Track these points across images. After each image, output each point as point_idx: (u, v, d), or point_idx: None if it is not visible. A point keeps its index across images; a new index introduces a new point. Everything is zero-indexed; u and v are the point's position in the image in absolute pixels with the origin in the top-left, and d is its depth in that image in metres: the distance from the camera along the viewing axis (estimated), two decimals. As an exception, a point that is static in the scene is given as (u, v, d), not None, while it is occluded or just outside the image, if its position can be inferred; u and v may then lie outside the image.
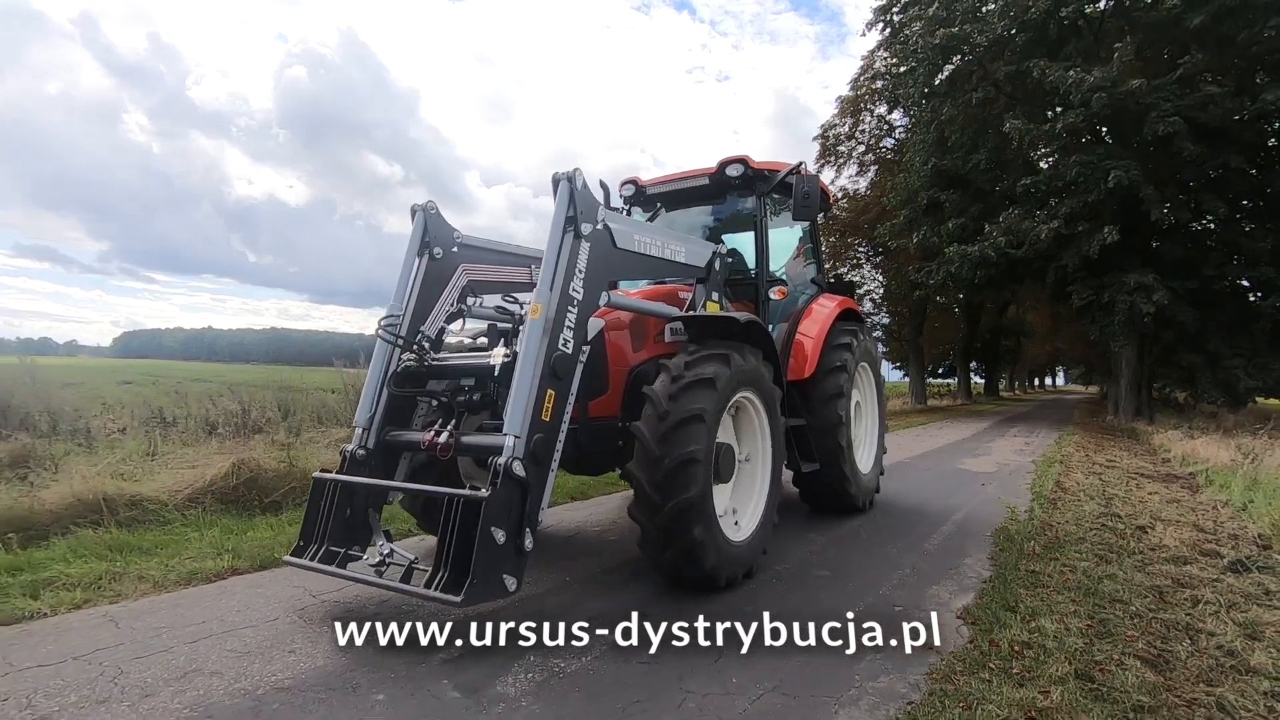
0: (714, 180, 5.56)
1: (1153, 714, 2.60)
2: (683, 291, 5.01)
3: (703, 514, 3.56)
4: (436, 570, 2.90)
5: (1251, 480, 7.96)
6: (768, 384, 4.34)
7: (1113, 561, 4.75)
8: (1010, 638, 3.25)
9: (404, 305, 4.00)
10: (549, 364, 3.28)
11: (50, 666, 2.80)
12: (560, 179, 3.48)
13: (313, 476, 3.63)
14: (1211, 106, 15.35)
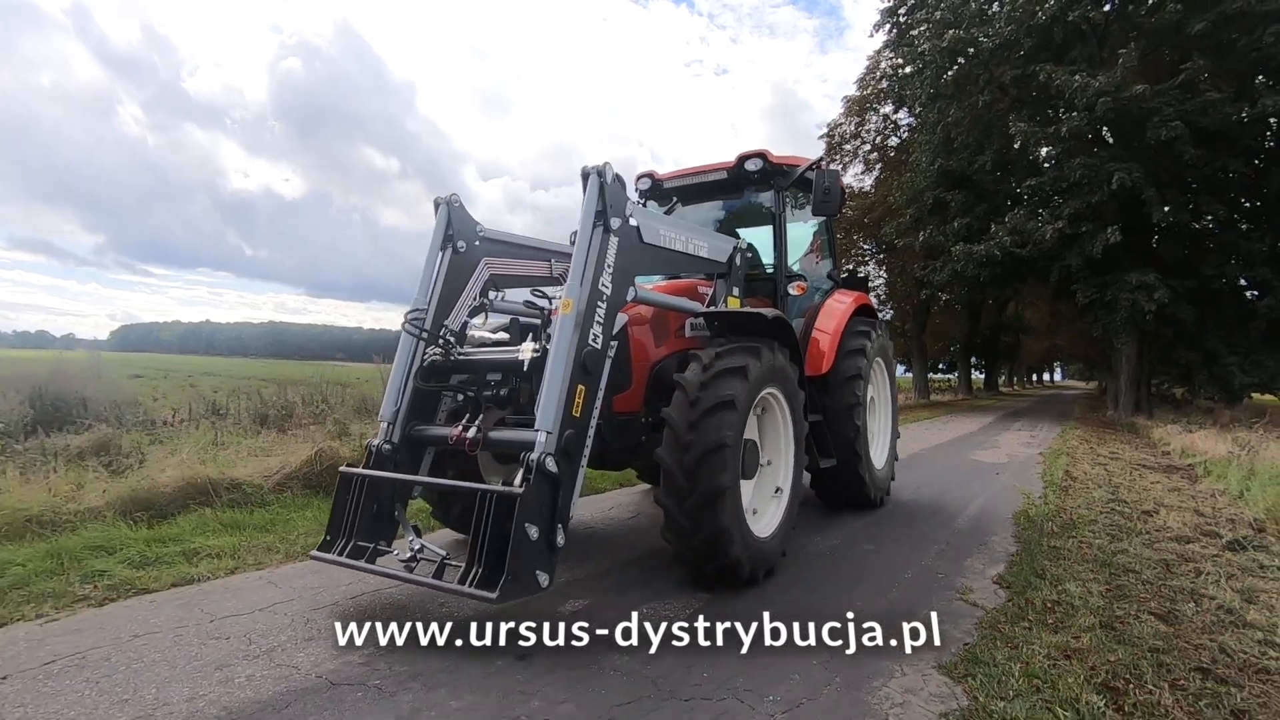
0: (732, 175, 5.52)
1: (1167, 654, 3.14)
2: (701, 286, 4.99)
3: (730, 501, 3.54)
4: (470, 566, 2.90)
5: (1248, 471, 8.51)
6: (793, 382, 4.35)
7: (1123, 539, 5.31)
8: (1042, 597, 3.81)
9: (428, 299, 3.96)
10: (579, 359, 3.27)
11: (245, 615, 3.33)
12: (590, 173, 3.48)
13: (339, 471, 3.63)
14: (1211, 111, 15.89)
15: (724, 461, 3.49)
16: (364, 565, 3.29)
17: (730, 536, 3.54)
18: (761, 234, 5.80)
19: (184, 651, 2.94)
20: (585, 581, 4.02)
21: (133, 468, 6.55)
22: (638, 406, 4.35)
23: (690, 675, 2.77)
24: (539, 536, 2.92)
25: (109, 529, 4.72)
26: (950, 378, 46.58)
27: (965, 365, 39.38)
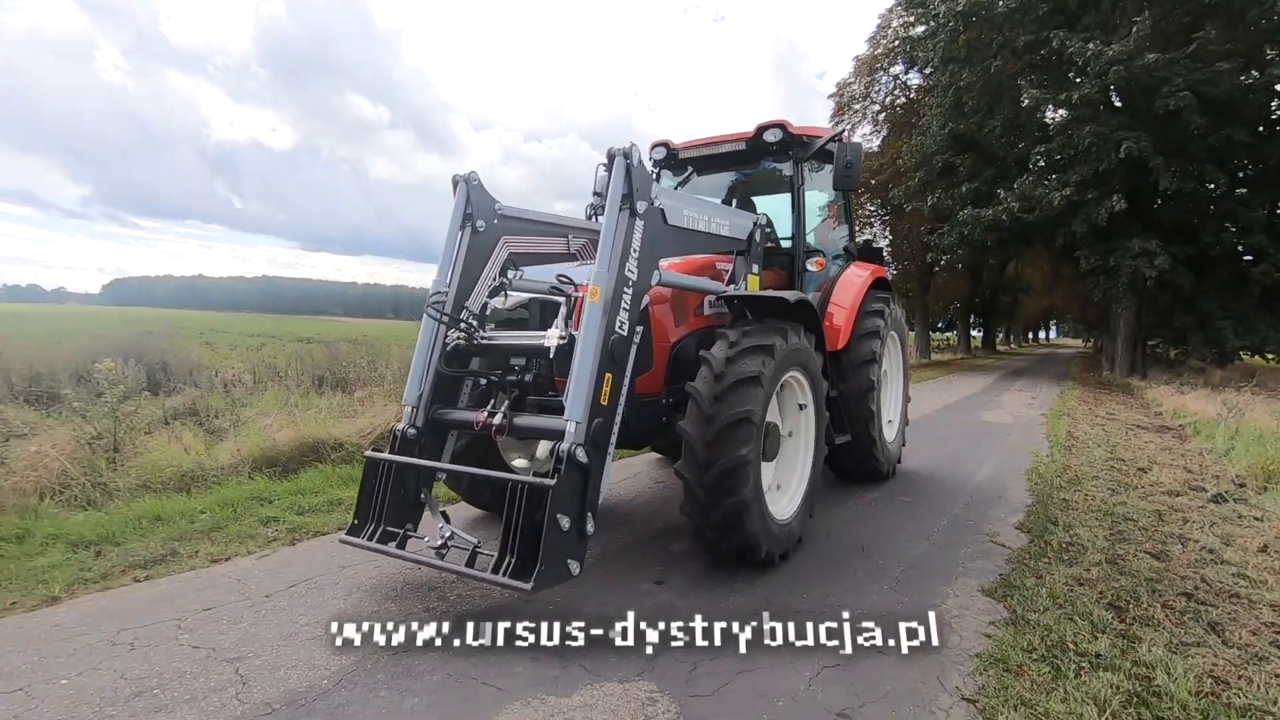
0: (750, 145, 5.42)
1: (1159, 583, 3.93)
2: (720, 262, 4.93)
3: (751, 475, 3.55)
4: (503, 556, 2.93)
5: (1233, 432, 9.33)
6: (815, 365, 4.35)
7: (1121, 493, 6.11)
8: (1057, 539, 4.60)
9: (449, 281, 3.90)
10: (607, 348, 3.25)
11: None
12: (616, 155, 3.41)
13: (365, 456, 3.65)
14: (1220, 81, 16.26)
15: (747, 434, 3.49)
16: (395, 551, 3.32)
17: (749, 511, 3.54)
18: (776, 201, 5.73)
19: (392, 574, 3.71)
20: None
21: (228, 429, 7.25)
22: (658, 387, 4.35)
23: (802, 586, 3.55)
24: (570, 526, 2.95)
25: (252, 483, 5.47)
26: (949, 336, 47.48)
27: (965, 325, 40.15)
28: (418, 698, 2.52)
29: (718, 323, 4.62)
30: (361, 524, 3.51)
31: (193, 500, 4.94)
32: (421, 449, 3.70)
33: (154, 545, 4.08)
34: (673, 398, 4.34)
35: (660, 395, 4.35)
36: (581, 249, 4.68)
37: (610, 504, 5.27)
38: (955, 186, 22.38)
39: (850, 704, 2.53)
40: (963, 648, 3.02)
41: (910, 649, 2.83)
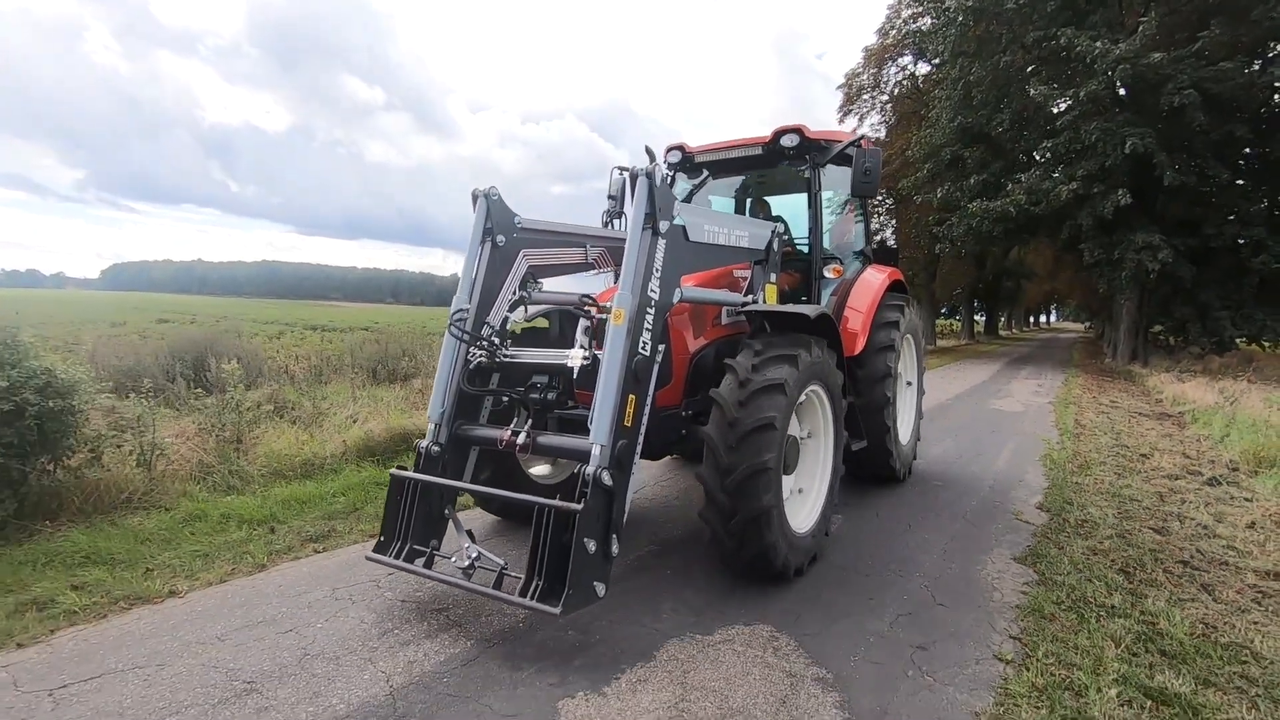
0: (767, 150, 5.40)
1: (1160, 553, 4.68)
2: (737, 269, 4.89)
3: (775, 520, 3.58)
4: (530, 579, 2.96)
5: (1229, 419, 10.07)
6: (835, 380, 4.36)
7: (1126, 477, 6.86)
8: (1073, 517, 5.35)
9: (470, 297, 3.87)
10: (631, 369, 3.27)
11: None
12: (639, 174, 3.42)
13: (390, 474, 3.65)
14: (1224, 79, 16.82)
15: (766, 484, 3.50)
16: (422, 570, 3.36)
17: (769, 518, 3.55)
18: (793, 201, 5.75)
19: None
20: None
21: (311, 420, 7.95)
22: (678, 399, 4.37)
23: (868, 554, 4.30)
24: (596, 548, 2.99)
25: (363, 470, 6.21)
26: (953, 320, 48.16)
27: (969, 311, 40.81)
28: (598, 635, 3.27)
29: (736, 332, 4.67)
30: (388, 541, 3.53)
31: (321, 485, 5.68)
32: (445, 465, 3.74)
33: (313, 523, 4.82)
34: (692, 409, 4.38)
35: (680, 407, 4.36)
36: (599, 257, 4.68)
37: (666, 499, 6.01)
38: (964, 178, 22.97)
39: (925, 640, 3.29)
40: (1004, 601, 3.77)
41: (968, 600, 3.56)
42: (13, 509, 4.44)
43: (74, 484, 4.83)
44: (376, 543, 3.58)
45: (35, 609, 3.43)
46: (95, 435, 5.07)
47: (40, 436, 4.57)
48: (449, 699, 2.71)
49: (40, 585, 3.66)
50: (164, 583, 3.77)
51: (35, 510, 4.59)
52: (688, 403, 4.40)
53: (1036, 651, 3.18)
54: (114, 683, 2.78)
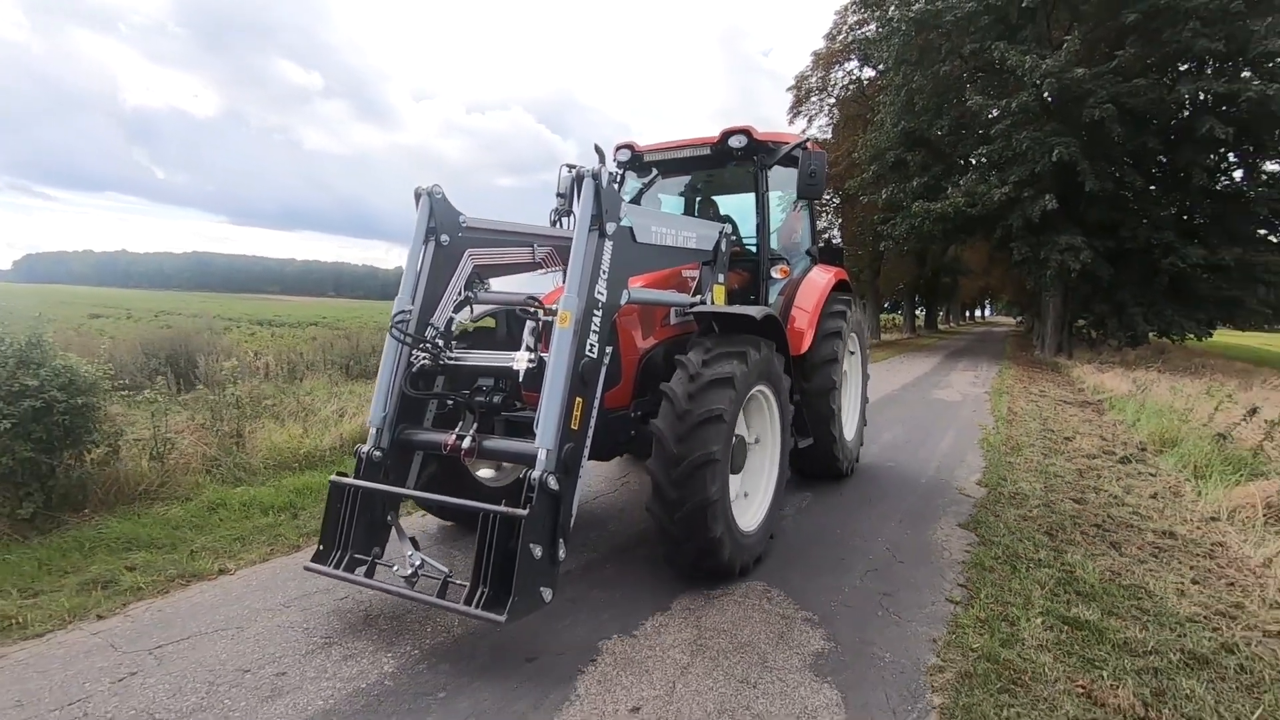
0: (715, 150, 5.46)
1: (1079, 519, 5.47)
2: (686, 270, 4.89)
3: (721, 512, 3.63)
4: (475, 586, 2.92)
5: (1140, 406, 11.24)
6: (781, 379, 4.43)
7: (1052, 456, 7.76)
8: (1007, 490, 6.15)
9: (413, 298, 3.78)
10: (577, 372, 3.25)
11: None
12: (585, 176, 3.39)
13: (330, 480, 3.54)
14: (1138, 95, 18.36)
15: (713, 475, 3.54)
16: (364, 580, 3.28)
17: (721, 543, 3.65)
18: (741, 200, 5.83)
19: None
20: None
21: (293, 416, 8.18)
22: (627, 400, 4.37)
23: (836, 523, 4.95)
24: (542, 554, 2.96)
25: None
26: (895, 315, 50.24)
27: (910, 306, 42.69)
28: (620, 591, 3.80)
29: (685, 332, 4.72)
30: (327, 550, 3.43)
31: (326, 475, 5.98)
32: (387, 471, 3.65)
33: (332, 509, 5.18)
34: (641, 410, 4.38)
35: (629, 408, 4.36)
36: (546, 257, 4.61)
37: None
38: (907, 180, 24.23)
39: (890, 589, 3.95)
40: (952, 559, 4.47)
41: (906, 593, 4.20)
42: (41, 501, 4.67)
43: (96, 477, 5.06)
44: (315, 552, 3.46)
45: (99, 587, 3.74)
46: (113, 430, 5.30)
47: (65, 432, 4.81)
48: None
49: (95, 567, 3.97)
50: (211, 563, 4.12)
51: (62, 502, 4.82)
52: (637, 403, 4.40)
53: (979, 594, 3.87)
54: (204, 642, 3.16)
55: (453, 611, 3.06)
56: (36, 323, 5.08)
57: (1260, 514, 5.44)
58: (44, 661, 3.00)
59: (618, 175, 6.00)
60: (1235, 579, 4.36)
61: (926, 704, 2.81)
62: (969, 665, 3.08)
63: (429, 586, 3.16)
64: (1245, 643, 3.43)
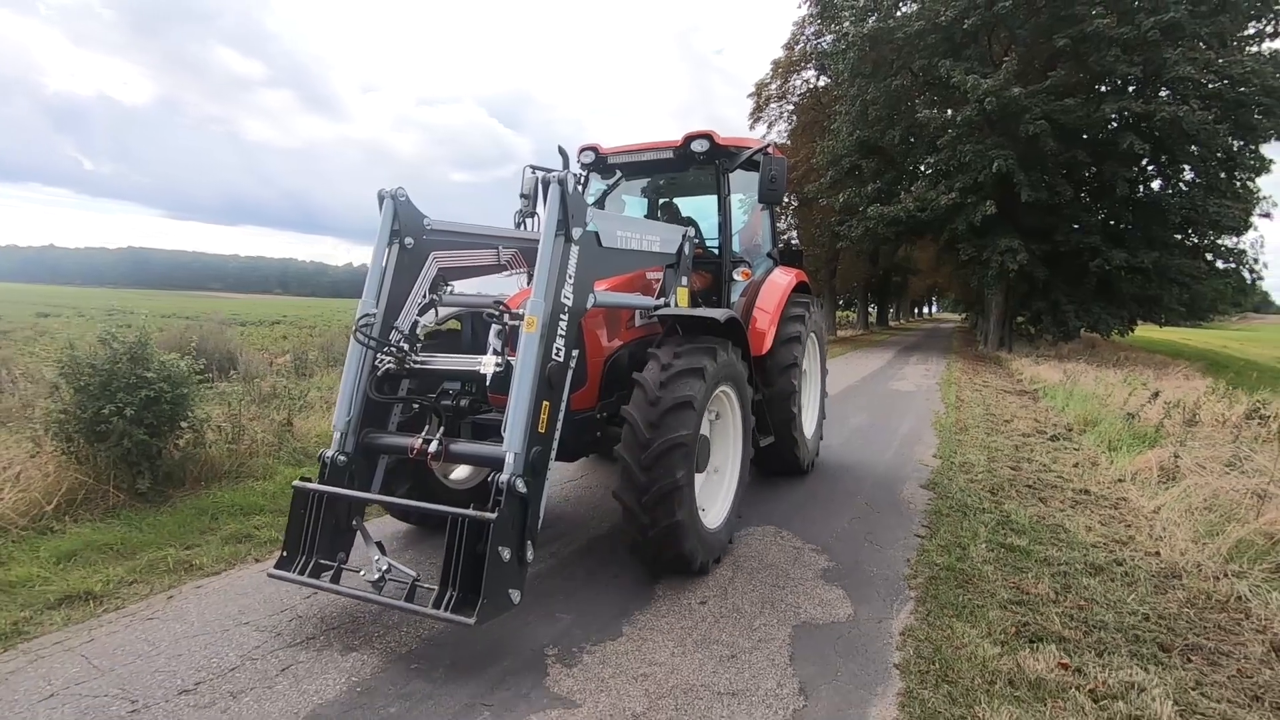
0: (678, 154, 5.52)
1: (1014, 481, 6.72)
2: (650, 272, 4.94)
3: (686, 497, 3.70)
4: (444, 590, 2.94)
5: (1069, 393, 12.79)
6: (743, 380, 4.54)
7: (994, 435, 9.09)
8: (957, 461, 7.39)
9: (377, 302, 3.78)
10: (544, 375, 3.27)
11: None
12: (551, 182, 3.40)
13: (293, 486, 3.51)
14: (1068, 113, 20.20)
15: (681, 459, 3.64)
16: (329, 585, 3.28)
17: (684, 529, 3.72)
18: (703, 203, 5.99)
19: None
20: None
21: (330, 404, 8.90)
22: (593, 402, 4.41)
23: (826, 484, 6.04)
24: (511, 556, 2.99)
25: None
26: (850, 312, 52.44)
27: (864, 303, 44.70)
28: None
29: (649, 334, 4.79)
30: (291, 556, 3.41)
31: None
32: (352, 475, 3.64)
33: (399, 483, 6.03)
34: (607, 411, 4.44)
35: (594, 410, 4.41)
36: (511, 259, 4.58)
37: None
38: (862, 185, 25.80)
39: (871, 530, 5.08)
40: (917, 509, 5.64)
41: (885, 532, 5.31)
42: (151, 479, 5.42)
43: (190, 457, 5.81)
44: (279, 558, 3.44)
45: (239, 540, 4.57)
46: (201, 417, 6.05)
47: (167, 419, 5.56)
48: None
49: (228, 527, 4.78)
50: (321, 523, 4.96)
51: (166, 480, 5.57)
52: (602, 405, 4.45)
53: (939, 531, 5.03)
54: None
55: (421, 615, 3.08)
56: (146, 323, 5.79)
57: (1155, 475, 6.76)
58: (238, 587, 3.85)
59: (582, 176, 6.07)
60: (1130, 521, 5.62)
61: (905, 596, 3.93)
62: (934, 573, 4.22)
63: (396, 591, 3.17)
64: (1130, 559, 4.65)
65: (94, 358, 5.36)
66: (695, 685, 2.95)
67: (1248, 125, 20.70)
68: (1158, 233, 22.48)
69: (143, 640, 3.23)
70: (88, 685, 2.85)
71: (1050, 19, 20.60)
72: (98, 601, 3.66)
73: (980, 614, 3.67)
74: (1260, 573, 4.22)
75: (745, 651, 3.26)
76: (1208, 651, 3.41)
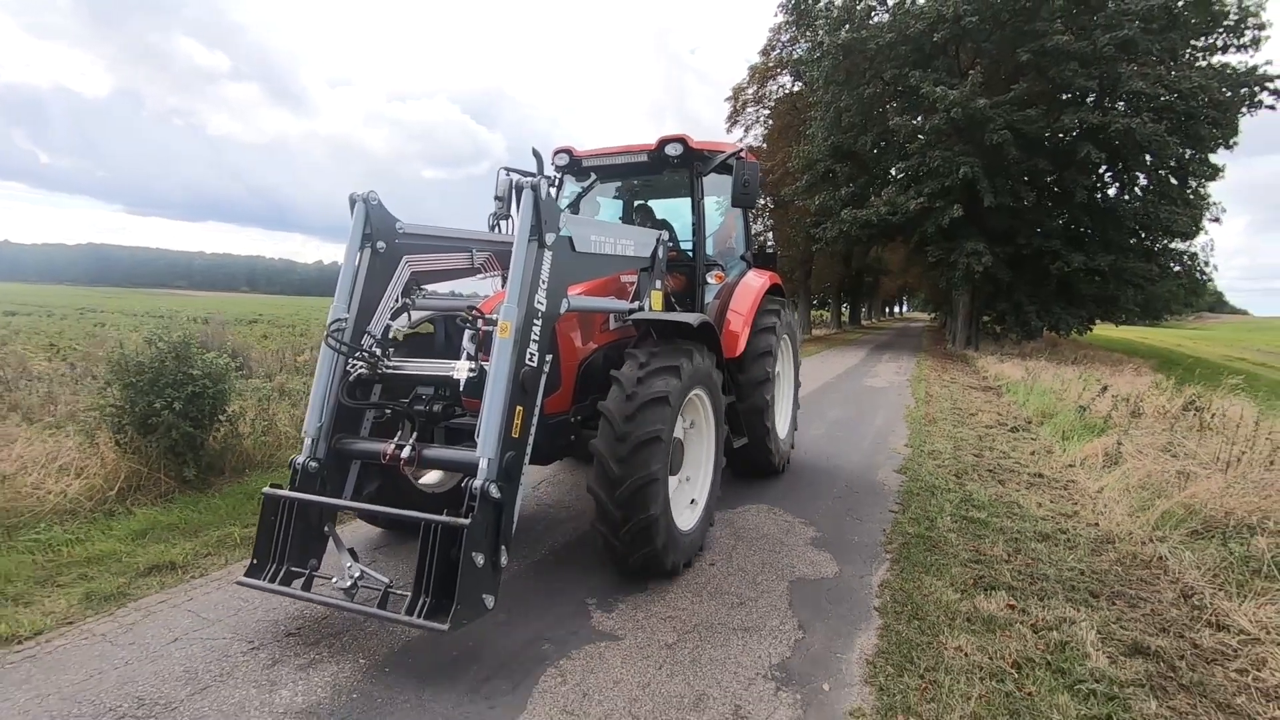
0: (652, 158, 5.54)
1: (977, 466, 7.46)
2: (624, 276, 4.98)
3: (660, 492, 3.74)
4: (417, 596, 2.95)
5: (1029, 389, 13.69)
6: (716, 384, 4.59)
7: (960, 426, 9.88)
8: (927, 449, 8.14)
9: (349, 306, 3.77)
10: (517, 381, 3.28)
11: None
12: (524, 187, 3.42)
13: (263, 493, 3.50)
14: (1029, 123, 21.28)
15: (656, 454, 3.67)
16: (300, 593, 3.26)
17: (657, 525, 3.75)
18: (678, 205, 6.02)
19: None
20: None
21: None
22: (567, 406, 4.42)
23: (810, 467, 6.71)
24: (485, 561, 2.99)
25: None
26: (823, 311, 53.65)
27: (837, 303, 45.81)
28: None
29: (624, 337, 4.81)
30: (261, 564, 3.38)
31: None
32: (324, 481, 3.63)
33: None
34: (581, 415, 4.46)
35: (569, 413, 4.42)
36: (485, 262, 4.57)
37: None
38: (836, 189, 26.69)
39: (852, 507, 5.77)
40: (891, 489, 6.35)
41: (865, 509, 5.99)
42: (195, 468, 5.89)
43: (229, 448, 6.28)
44: (249, 566, 3.42)
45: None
46: (237, 411, 6.51)
47: (209, 413, 6.03)
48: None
49: (277, 509, 5.28)
50: (361, 505, 5.49)
51: (208, 469, 6.03)
52: (577, 408, 4.47)
53: (910, 507, 5.74)
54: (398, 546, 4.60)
55: (394, 622, 3.07)
56: (189, 326, 6.24)
57: (1100, 460, 7.56)
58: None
59: (556, 179, 6.10)
60: (1077, 499, 6.38)
61: (882, 557, 4.62)
62: (906, 540, 4.92)
63: (369, 598, 3.15)
64: (1073, 529, 5.39)
65: (141, 356, 5.81)
66: (714, 623, 3.59)
67: (1197, 136, 22.01)
68: (1114, 237, 23.71)
69: (237, 599, 3.76)
70: (204, 632, 3.39)
71: (1014, 33, 21.68)
72: (182, 570, 4.18)
73: (944, 570, 4.37)
74: (1178, 537, 4.97)
75: (751, 600, 3.90)
76: (1129, 597, 4.13)
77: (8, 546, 4.34)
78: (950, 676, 3.10)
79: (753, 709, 2.86)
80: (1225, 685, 3.18)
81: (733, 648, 3.37)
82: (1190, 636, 3.64)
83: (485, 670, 3.12)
